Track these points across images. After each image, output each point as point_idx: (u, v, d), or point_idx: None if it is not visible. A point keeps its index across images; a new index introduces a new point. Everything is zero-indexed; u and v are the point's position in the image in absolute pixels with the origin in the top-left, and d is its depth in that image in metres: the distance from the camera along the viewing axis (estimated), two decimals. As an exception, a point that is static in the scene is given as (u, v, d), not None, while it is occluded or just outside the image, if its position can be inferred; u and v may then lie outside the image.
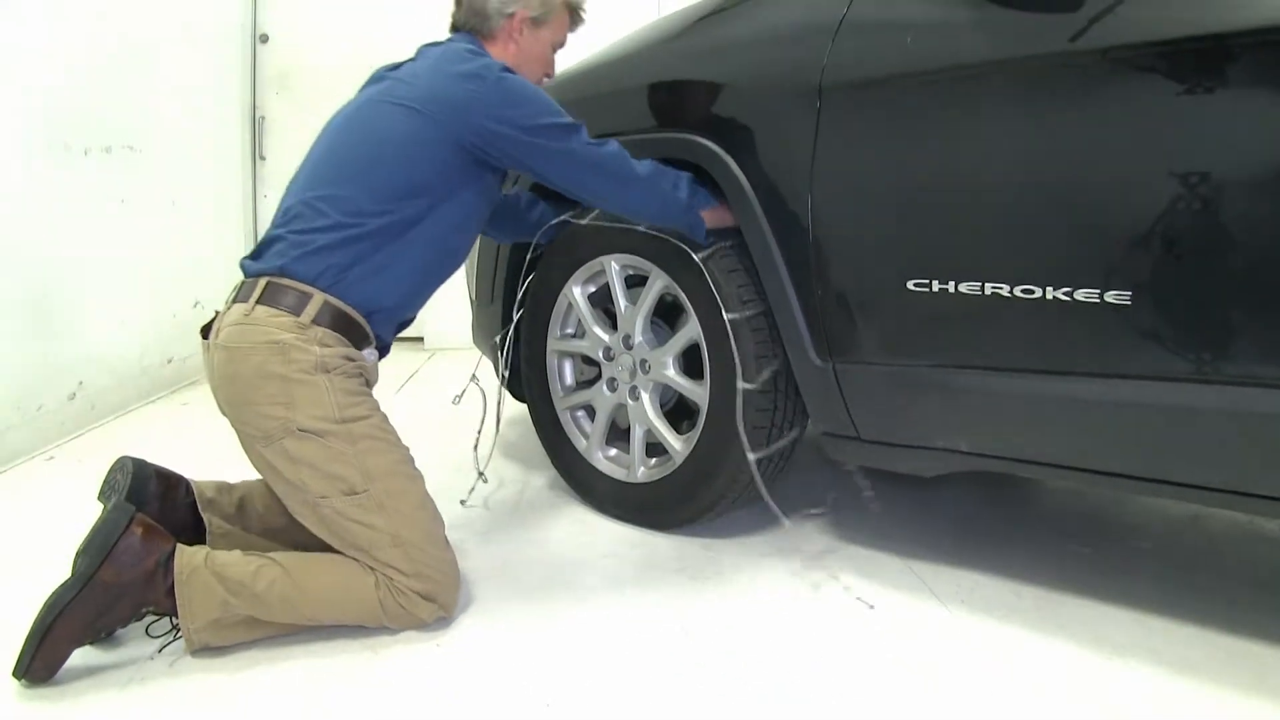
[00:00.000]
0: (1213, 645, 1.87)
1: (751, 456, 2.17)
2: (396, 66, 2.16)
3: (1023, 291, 1.76)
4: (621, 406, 2.46)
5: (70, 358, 3.33)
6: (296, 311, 1.90)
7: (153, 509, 1.99)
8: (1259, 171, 1.55)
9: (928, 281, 1.87)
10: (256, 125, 4.92)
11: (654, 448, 2.44)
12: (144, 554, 1.79)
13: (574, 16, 2.30)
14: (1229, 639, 1.89)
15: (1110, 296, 1.67)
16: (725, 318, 2.15)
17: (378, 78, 2.16)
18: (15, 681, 1.72)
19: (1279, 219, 1.54)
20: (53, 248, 3.22)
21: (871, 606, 2.04)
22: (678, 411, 2.49)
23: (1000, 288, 1.79)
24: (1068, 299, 1.71)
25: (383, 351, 2.09)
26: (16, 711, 1.68)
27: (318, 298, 1.91)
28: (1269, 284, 1.56)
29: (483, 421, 2.74)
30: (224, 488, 2.15)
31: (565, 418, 2.60)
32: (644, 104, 2.34)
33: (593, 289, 2.51)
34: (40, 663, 1.71)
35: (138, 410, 3.68)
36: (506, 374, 2.70)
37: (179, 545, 1.85)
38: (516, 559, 2.29)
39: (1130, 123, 1.64)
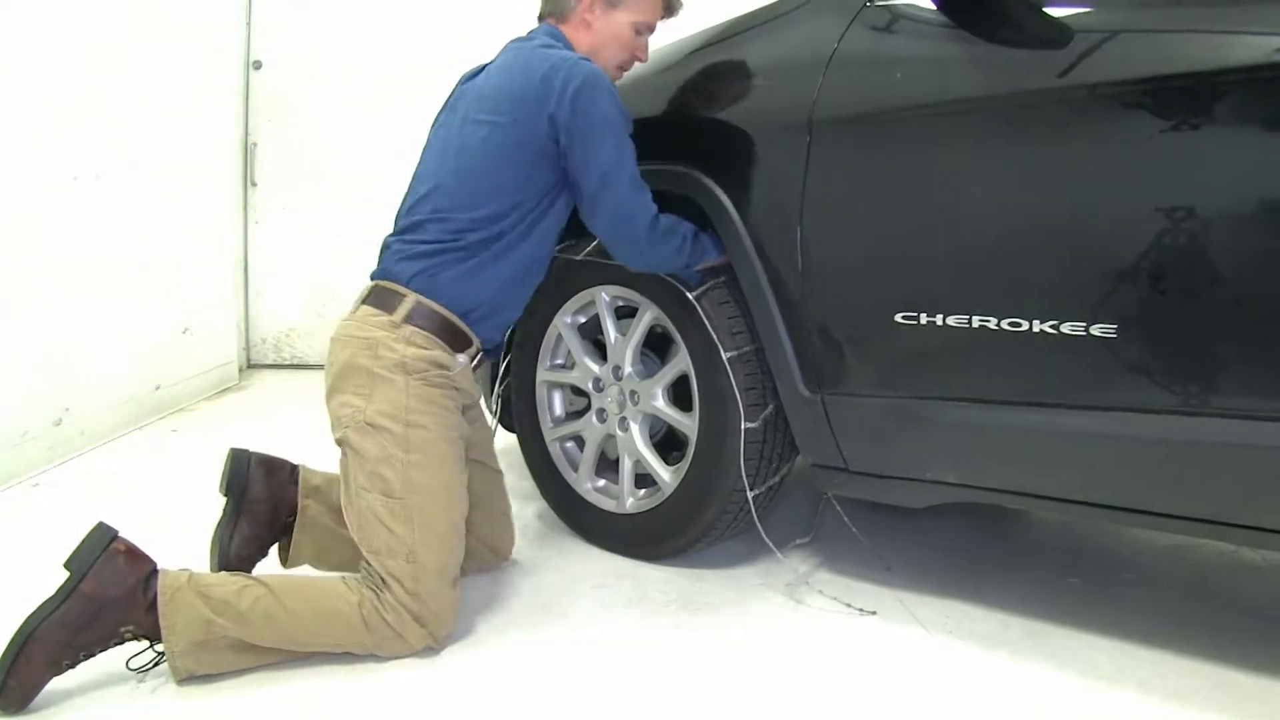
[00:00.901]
0: (1200, 675, 1.88)
1: (750, 494, 2.18)
2: (482, 69, 2.23)
3: (1009, 324, 1.78)
4: (611, 437, 2.46)
5: (57, 383, 3.32)
6: (390, 310, 2.01)
7: (257, 489, 2.16)
8: (1243, 207, 1.58)
9: (915, 314, 1.89)
10: (248, 152, 4.92)
11: (643, 478, 2.44)
12: (126, 571, 1.80)
13: (667, 2, 2.25)
14: (1216, 668, 1.90)
15: (1096, 329, 1.68)
16: (724, 356, 2.16)
17: (464, 83, 2.25)
18: None
19: (1263, 253, 1.56)
20: (40, 272, 3.22)
21: (873, 612, 2.04)
22: (666, 442, 2.49)
23: (987, 320, 1.80)
24: (1054, 332, 1.73)
25: (492, 353, 2.19)
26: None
27: (410, 298, 2.01)
28: (1254, 317, 1.58)
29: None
30: (334, 480, 2.18)
31: (555, 449, 2.60)
32: (635, 136, 2.35)
33: (583, 320, 2.52)
34: (15, 682, 1.69)
35: (126, 437, 3.66)
36: (497, 407, 2.71)
37: (162, 567, 1.86)
38: (506, 589, 2.29)
39: (1117, 158, 1.66)
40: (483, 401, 2.76)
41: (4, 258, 3.03)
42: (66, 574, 1.78)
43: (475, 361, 2.14)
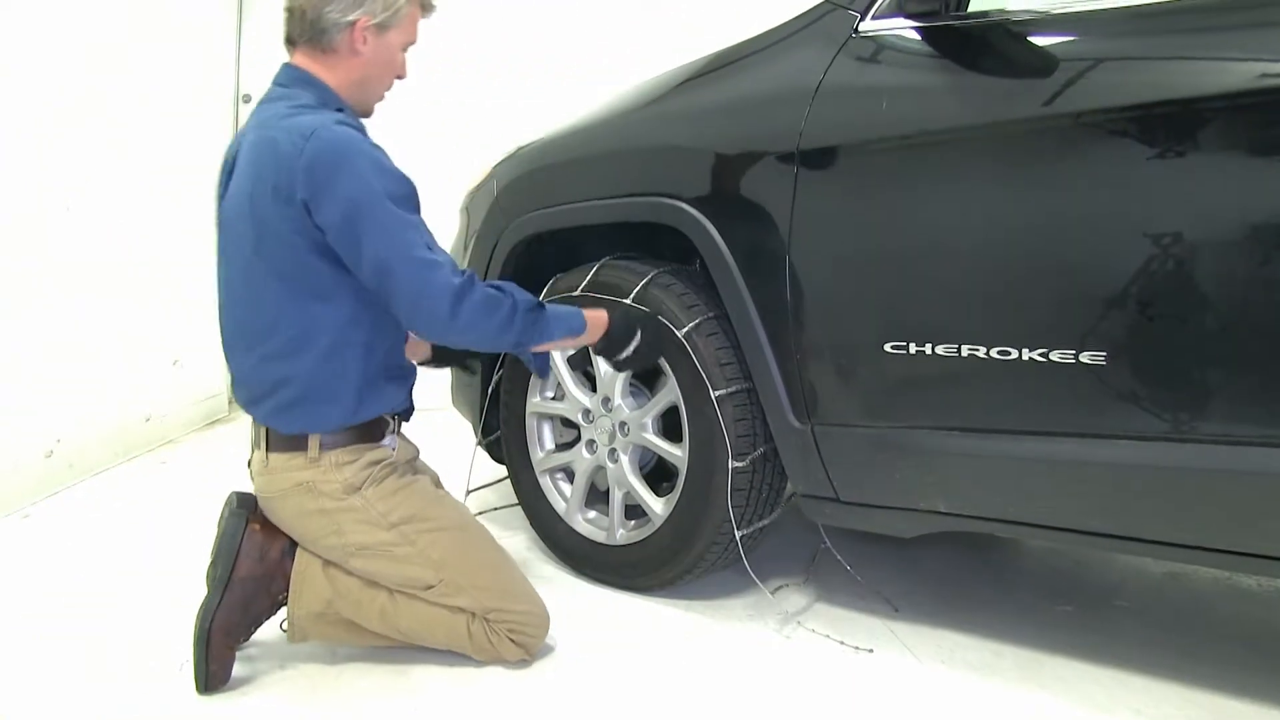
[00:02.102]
0: (1195, 704, 1.87)
1: (739, 534, 2.18)
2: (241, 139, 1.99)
3: (999, 353, 1.78)
4: (600, 469, 2.45)
5: (47, 415, 3.31)
6: (303, 449, 1.95)
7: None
8: (1230, 233, 1.58)
9: (905, 343, 1.89)
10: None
11: (633, 509, 2.43)
12: (267, 546, 2.00)
13: (424, 7, 2.08)
14: (1211, 697, 1.90)
15: (1086, 357, 1.69)
16: (713, 395, 2.16)
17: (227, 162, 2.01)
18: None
19: (1251, 279, 1.57)
20: (32, 302, 3.21)
21: (870, 650, 2.03)
22: (656, 473, 2.48)
23: (976, 349, 1.80)
24: (1044, 360, 1.73)
25: (406, 415, 2.13)
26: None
27: (313, 435, 1.95)
28: (1242, 343, 1.59)
29: (469, 476, 2.73)
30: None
31: (545, 480, 2.59)
32: (623, 169, 2.36)
33: (572, 351, 2.51)
34: (215, 667, 1.90)
35: (117, 469, 3.64)
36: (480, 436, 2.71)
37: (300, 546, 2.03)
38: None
39: (1103, 185, 1.67)
40: (471, 430, 2.76)
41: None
42: (212, 560, 1.98)
43: (398, 426, 2.11)
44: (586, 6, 4.85)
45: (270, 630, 2.04)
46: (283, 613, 2.03)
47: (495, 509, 2.89)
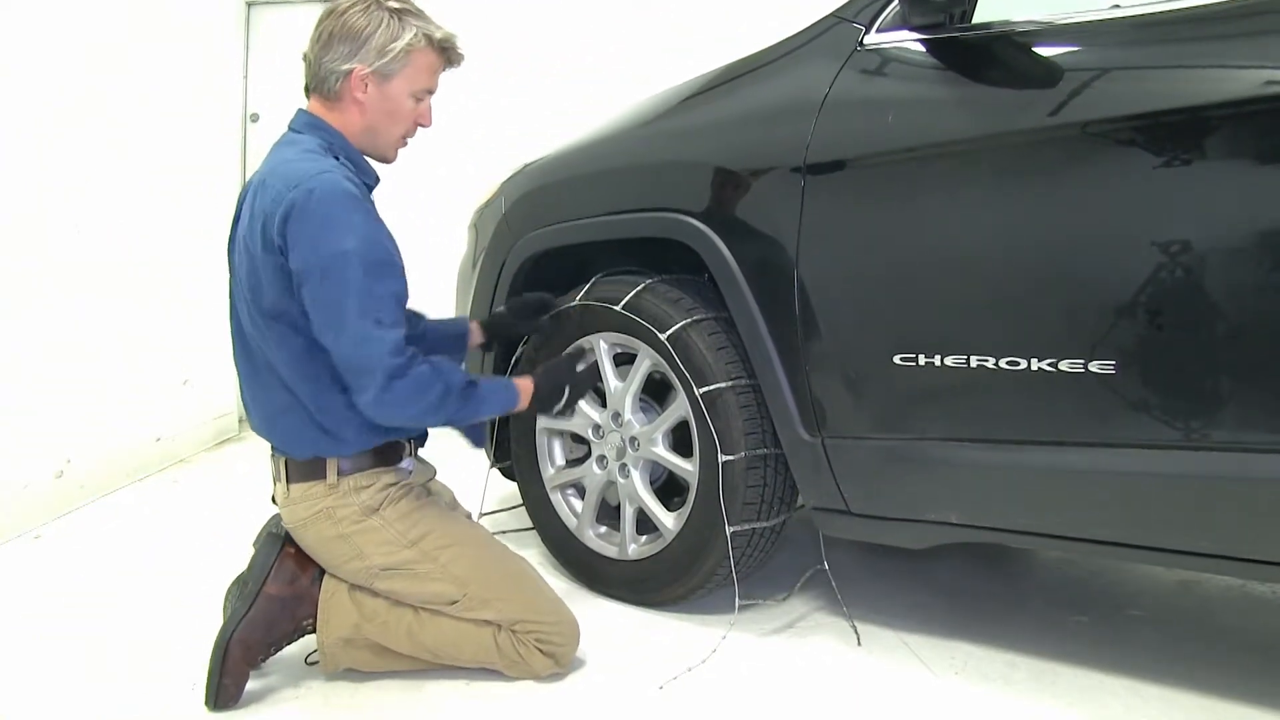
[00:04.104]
0: (1212, 713, 1.87)
1: (729, 530, 2.17)
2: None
3: (1008, 363, 1.78)
4: (611, 484, 2.45)
5: (58, 435, 3.32)
6: (322, 476, 1.98)
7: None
8: (1238, 241, 1.58)
9: (914, 355, 1.89)
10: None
11: (644, 524, 2.43)
12: (298, 571, 2.03)
13: (445, 56, 2.05)
14: (1228, 705, 1.89)
15: (1095, 366, 1.69)
16: (697, 392, 2.17)
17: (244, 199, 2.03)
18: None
19: (1259, 287, 1.57)
20: (41, 322, 3.23)
21: (869, 655, 2.03)
22: (667, 488, 2.49)
23: (985, 360, 1.80)
24: (1053, 370, 1.73)
25: (421, 440, 2.16)
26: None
27: (330, 460, 1.98)
28: (1251, 350, 1.59)
29: (483, 498, 2.75)
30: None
31: (555, 496, 2.59)
32: (631, 184, 2.37)
33: (582, 367, 2.51)
34: (228, 681, 1.90)
35: (127, 489, 3.65)
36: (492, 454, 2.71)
37: (327, 573, 2.06)
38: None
39: (1111, 195, 1.67)
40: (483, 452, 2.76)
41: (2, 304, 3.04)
42: (241, 579, 2.03)
43: (415, 449, 2.14)
44: (571, 4, 4.77)
45: (288, 652, 2.05)
46: (307, 643, 2.06)
47: (508, 531, 2.89)
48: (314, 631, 2.02)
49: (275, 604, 1.97)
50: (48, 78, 3.27)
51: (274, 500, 2.08)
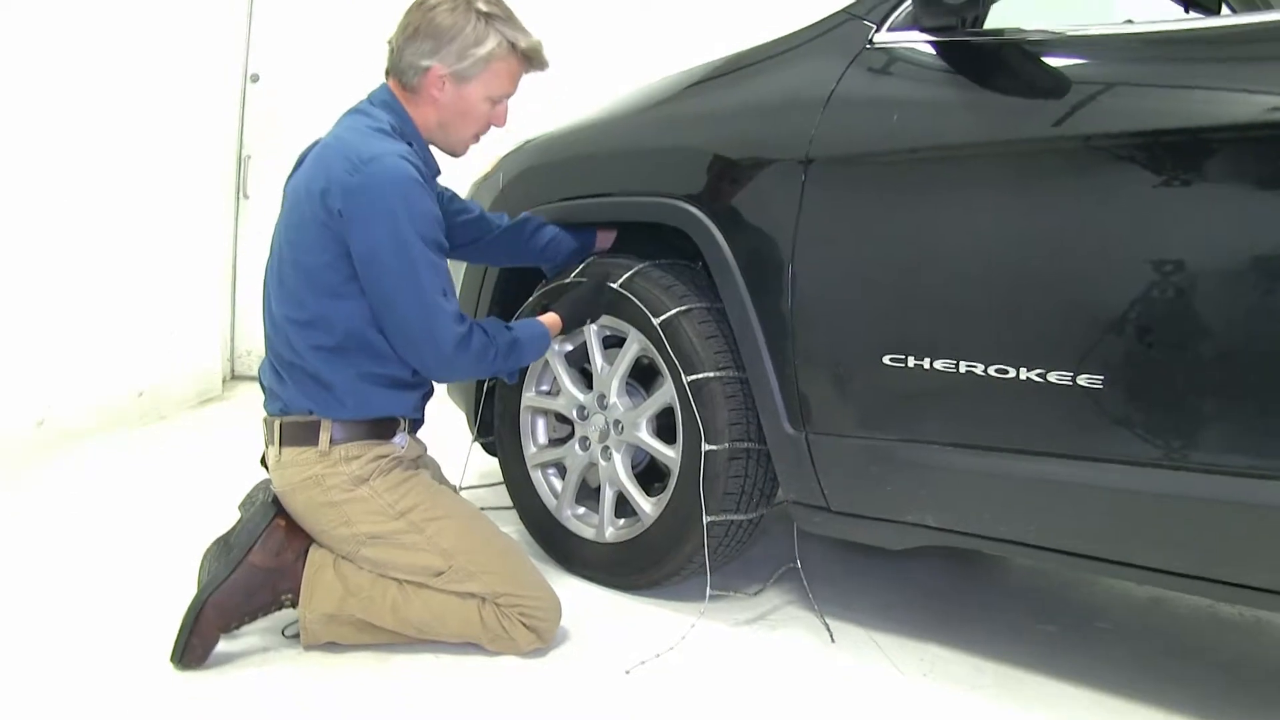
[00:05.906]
0: (1171, 730, 1.88)
1: (707, 519, 2.17)
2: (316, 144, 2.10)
3: (997, 371, 1.78)
4: (593, 466, 2.45)
5: (38, 385, 3.30)
6: (314, 443, 1.99)
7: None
8: (1232, 262, 1.59)
9: (903, 356, 1.89)
10: (242, 164, 4.92)
11: (624, 507, 2.43)
12: (285, 544, 2.01)
13: (529, 63, 2.10)
14: (1187, 724, 1.90)
15: (1083, 379, 1.69)
16: (685, 380, 2.18)
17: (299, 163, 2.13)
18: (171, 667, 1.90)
19: (1251, 309, 1.57)
20: (25, 271, 3.21)
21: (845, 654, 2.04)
22: (648, 474, 2.49)
23: (975, 366, 1.81)
24: (1041, 380, 1.73)
25: (415, 426, 2.17)
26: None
27: (325, 423, 2.00)
28: (1240, 374, 1.59)
29: (463, 472, 2.75)
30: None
31: (536, 475, 2.59)
32: (630, 168, 2.36)
33: (570, 348, 2.51)
34: (196, 640, 1.88)
35: (109, 440, 3.63)
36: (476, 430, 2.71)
37: (313, 545, 2.06)
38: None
39: (1108, 209, 1.67)
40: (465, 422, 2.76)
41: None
42: (225, 540, 2.04)
43: (409, 428, 2.15)
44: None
45: (262, 620, 2.04)
46: (285, 616, 2.04)
47: (488, 508, 2.89)
48: (292, 606, 2.01)
49: (258, 574, 1.96)
50: (43, 31, 3.24)
51: (263, 463, 2.08)
